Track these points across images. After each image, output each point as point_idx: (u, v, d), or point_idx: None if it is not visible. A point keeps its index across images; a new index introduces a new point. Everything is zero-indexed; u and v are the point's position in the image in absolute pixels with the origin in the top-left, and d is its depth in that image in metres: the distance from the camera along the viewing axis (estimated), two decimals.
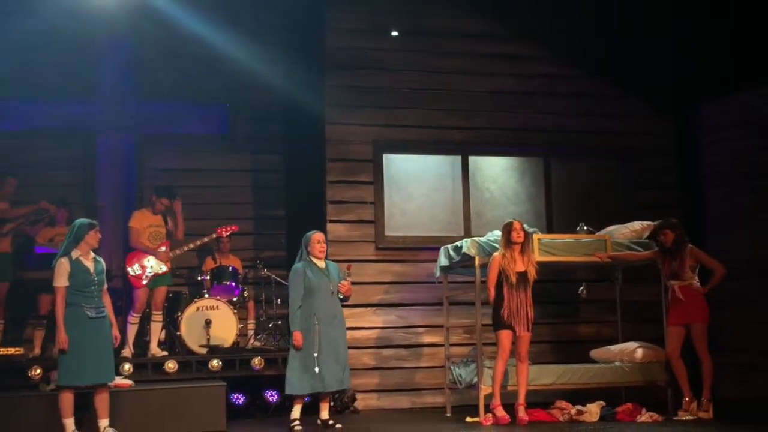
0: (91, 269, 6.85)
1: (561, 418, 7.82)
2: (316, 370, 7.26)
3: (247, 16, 9.88)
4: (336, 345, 7.42)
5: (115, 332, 7.02)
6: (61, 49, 9.79)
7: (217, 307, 8.86)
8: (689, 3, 9.13)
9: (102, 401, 6.88)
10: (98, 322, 6.83)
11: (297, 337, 7.33)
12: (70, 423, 6.76)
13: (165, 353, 8.65)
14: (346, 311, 8.96)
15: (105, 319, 6.89)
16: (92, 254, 6.93)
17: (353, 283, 7.76)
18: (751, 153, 9.62)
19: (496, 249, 7.88)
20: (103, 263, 7.04)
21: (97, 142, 9.87)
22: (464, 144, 9.86)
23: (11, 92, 9.63)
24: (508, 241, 7.68)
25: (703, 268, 7.99)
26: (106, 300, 7.00)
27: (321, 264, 7.57)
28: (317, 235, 7.63)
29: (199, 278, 9.36)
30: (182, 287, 9.54)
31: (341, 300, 7.60)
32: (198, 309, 8.83)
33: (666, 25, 9.68)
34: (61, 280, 6.75)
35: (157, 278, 8.72)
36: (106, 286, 7.03)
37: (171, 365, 8.34)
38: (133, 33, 9.84)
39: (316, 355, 7.28)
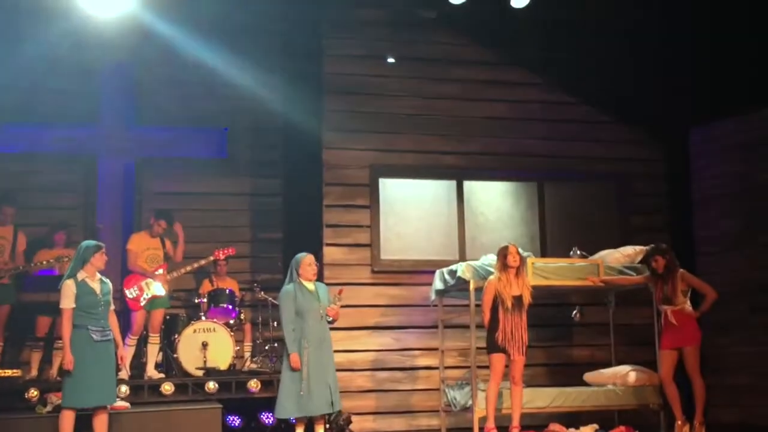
0: (97, 291, 6.80)
1: None
2: (302, 393, 7.15)
3: (246, 41, 9.85)
4: (325, 368, 7.30)
5: (121, 353, 6.97)
6: (64, 74, 9.76)
7: (214, 329, 8.78)
8: (678, 31, 9.11)
9: (101, 423, 6.80)
10: (103, 345, 6.78)
11: (295, 358, 7.21)
12: None
13: (162, 375, 8.56)
14: (342, 334, 8.96)
15: (110, 343, 6.84)
16: (98, 276, 6.89)
17: (346, 306, 7.69)
18: (739, 177, 9.59)
19: (490, 273, 7.82)
20: (110, 284, 6.99)
21: (99, 166, 9.82)
22: (459, 169, 9.83)
23: (15, 116, 9.59)
24: (503, 264, 7.61)
25: (695, 291, 7.92)
26: (113, 321, 6.96)
27: (311, 287, 7.46)
28: (308, 258, 7.53)
29: (196, 301, 9.30)
30: (179, 309, 9.46)
31: (328, 323, 7.49)
32: (195, 331, 8.74)
33: (655, 52, 9.65)
34: (67, 302, 6.69)
35: (154, 301, 8.65)
36: (113, 307, 6.98)
37: (167, 387, 8.23)
38: (134, 58, 9.85)
39: (305, 378, 7.16)
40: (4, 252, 8.61)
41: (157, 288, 8.65)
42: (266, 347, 9.28)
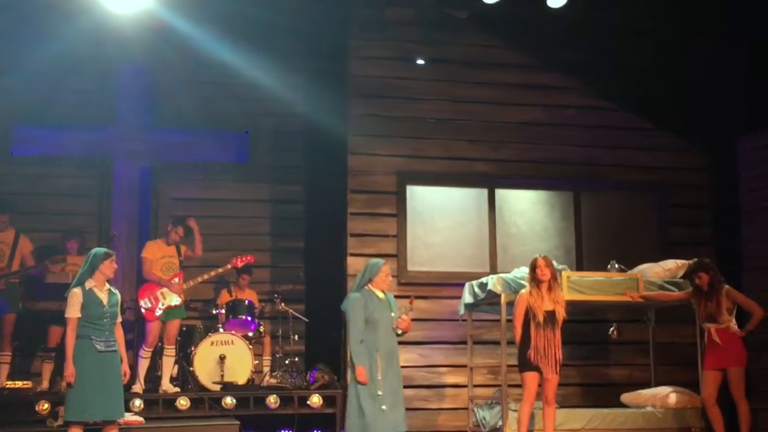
0: (105, 301, 6.82)
1: None
2: (384, 409, 6.89)
3: (269, 41, 9.88)
4: (396, 385, 7.08)
5: (125, 368, 6.95)
6: (80, 75, 9.91)
7: (232, 342, 8.79)
8: (726, 32, 9.04)
9: None
10: (108, 356, 6.77)
11: (362, 372, 6.92)
12: None
13: (177, 389, 8.59)
14: None
15: (115, 354, 6.85)
16: (107, 285, 6.91)
17: None
18: None
19: (522, 286, 7.79)
20: (119, 295, 7.01)
21: (115, 170, 9.90)
22: (491, 176, 9.81)
23: (29, 118, 9.72)
24: (533, 278, 7.58)
25: (740, 309, 7.84)
26: (119, 333, 6.95)
27: (381, 295, 7.25)
28: (387, 267, 7.32)
29: (213, 311, 9.33)
30: (196, 321, 9.49)
31: (397, 335, 7.30)
32: (212, 344, 8.76)
33: (701, 56, 9.60)
34: (73, 310, 6.72)
35: (170, 311, 8.68)
36: (119, 320, 6.99)
37: (183, 402, 8.28)
38: (152, 58, 9.92)
39: (380, 394, 6.91)
40: (4, 257, 8.70)
41: (172, 298, 8.70)
42: (286, 361, 9.28)
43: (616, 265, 8.61)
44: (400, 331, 7.31)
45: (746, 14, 8.67)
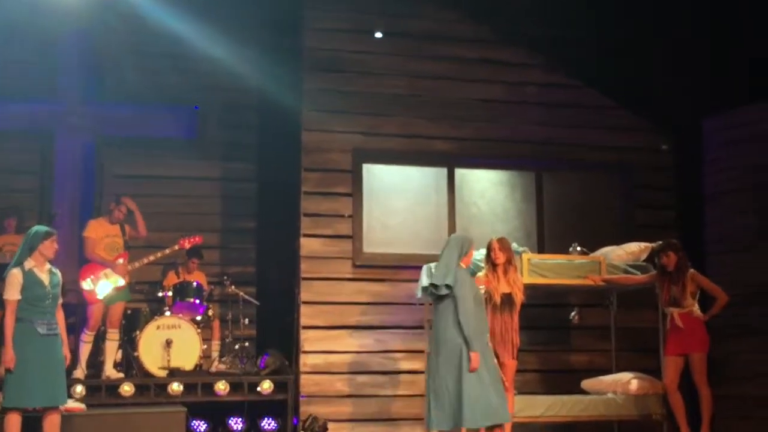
0: (46, 282, 6.76)
1: None
2: (493, 403, 6.71)
3: (220, 11, 9.82)
4: None
5: (66, 351, 6.91)
6: (19, 45, 9.70)
7: (179, 326, 8.74)
8: (693, 10, 9.10)
9: (52, 426, 6.75)
10: (50, 339, 6.72)
11: (477, 359, 6.75)
12: None
13: (121, 375, 8.53)
14: (319, 333, 9.00)
15: (57, 337, 6.80)
16: (48, 265, 6.84)
17: (323, 303, 7.57)
18: (756, 171, 9.55)
19: (482, 269, 7.79)
20: (59, 275, 6.94)
21: (56, 145, 9.76)
22: (450, 155, 9.79)
23: None
24: (488, 260, 7.64)
25: (703, 294, 7.92)
26: (60, 315, 6.90)
27: None
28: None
29: (160, 294, 9.26)
30: (141, 303, 9.41)
31: None
32: (158, 328, 8.70)
33: (667, 34, 9.66)
34: (13, 292, 6.64)
35: (113, 293, 8.59)
36: (61, 301, 6.90)
37: (127, 388, 8.23)
38: (96, 27, 9.79)
39: (486, 383, 6.75)
40: None
41: (116, 279, 8.59)
42: (236, 346, 9.24)
43: (578, 248, 8.67)
44: None
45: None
